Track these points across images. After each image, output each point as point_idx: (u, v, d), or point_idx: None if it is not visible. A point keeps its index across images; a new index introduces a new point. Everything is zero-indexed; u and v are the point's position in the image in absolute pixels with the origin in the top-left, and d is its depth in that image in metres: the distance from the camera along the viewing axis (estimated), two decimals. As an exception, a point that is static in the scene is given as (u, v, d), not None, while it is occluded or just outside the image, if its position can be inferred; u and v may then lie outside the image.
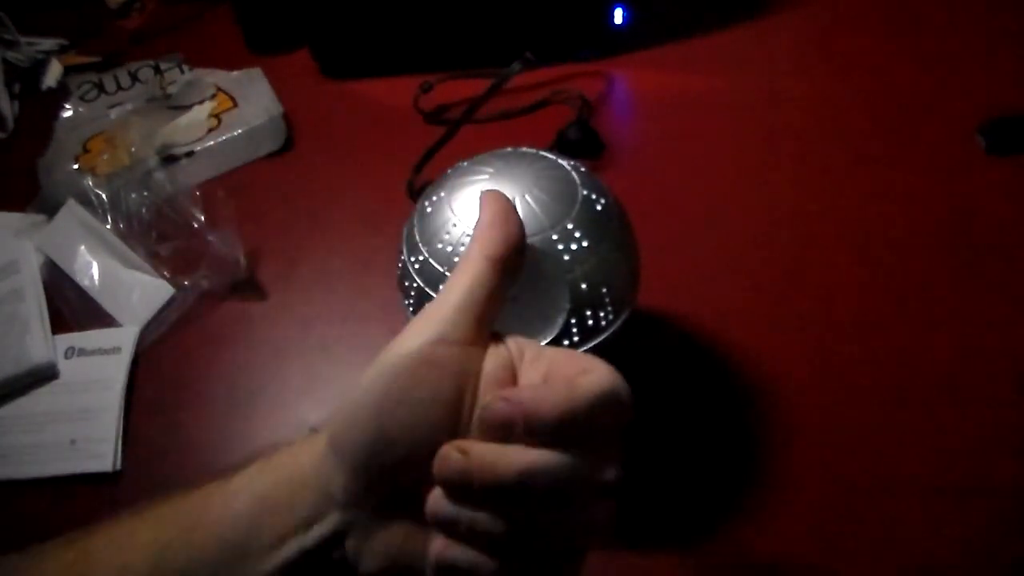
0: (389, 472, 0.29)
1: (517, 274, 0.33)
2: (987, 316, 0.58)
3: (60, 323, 0.64)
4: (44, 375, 0.61)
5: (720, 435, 0.53)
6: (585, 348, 0.42)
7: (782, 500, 0.50)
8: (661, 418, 0.55)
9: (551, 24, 0.80)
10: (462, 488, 0.28)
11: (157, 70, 0.88)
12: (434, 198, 0.44)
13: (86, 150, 0.78)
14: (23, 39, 0.90)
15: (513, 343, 0.32)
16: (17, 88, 0.88)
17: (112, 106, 0.82)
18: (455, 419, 0.30)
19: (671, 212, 0.67)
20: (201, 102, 0.81)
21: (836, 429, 0.53)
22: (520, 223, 0.33)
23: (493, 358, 0.31)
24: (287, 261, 0.68)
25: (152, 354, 0.62)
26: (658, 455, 0.53)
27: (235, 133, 0.77)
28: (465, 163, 0.45)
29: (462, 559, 0.28)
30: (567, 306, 0.41)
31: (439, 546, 0.29)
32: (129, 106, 0.81)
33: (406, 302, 0.45)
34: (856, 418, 0.53)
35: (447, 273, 0.41)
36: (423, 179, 0.71)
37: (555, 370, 0.30)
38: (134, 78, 0.87)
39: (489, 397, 0.29)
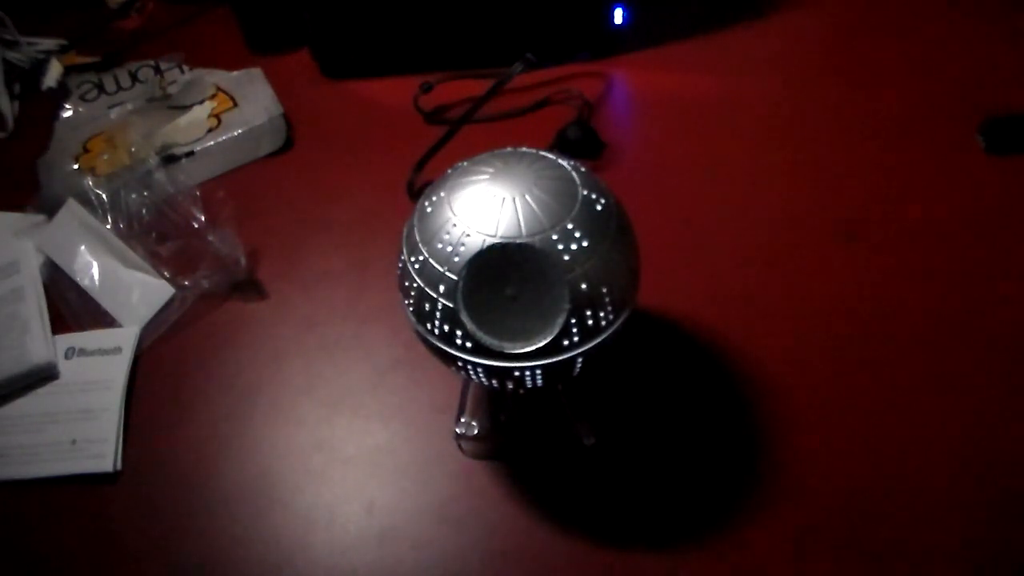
0: None
1: None
2: (988, 316, 0.58)
3: (60, 323, 0.64)
4: (44, 375, 0.61)
5: (720, 435, 0.53)
6: (585, 348, 0.42)
7: (783, 500, 0.50)
8: (661, 418, 0.55)
9: (551, 24, 0.80)
10: None
11: (157, 70, 0.88)
12: (434, 198, 0.44)
13: (86, 150, 0.78)
14: (23, 39, 0.90)
15: None
16: (17, 88, 0.88)
17: (112, 106, 0.82)
18: None
19: (671, 212, 0.67)
20: (201, 102, 0.81)
21: (837, 429, 0.53)
22: None
23: None
24: (287, 261, 0.68)
25: (152, 354, 0.62)
26: (658, 455, 0.53)
27: (235, 133, 0.77)
28: (465, 163, 0.45)
29: None
30: (567, 306, 0.41)
31: None
32: (129, 106, 0.81)
33: (406, 302, 0.45)
34: (857, 419, 0.53)
35: (447, 273, 0.41)
36: (423, 179, 0.71)
37: None
38: (134, 78, 0.87)
39: None
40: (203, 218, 0.68)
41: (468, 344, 0.42)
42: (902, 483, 0.50)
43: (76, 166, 0.76)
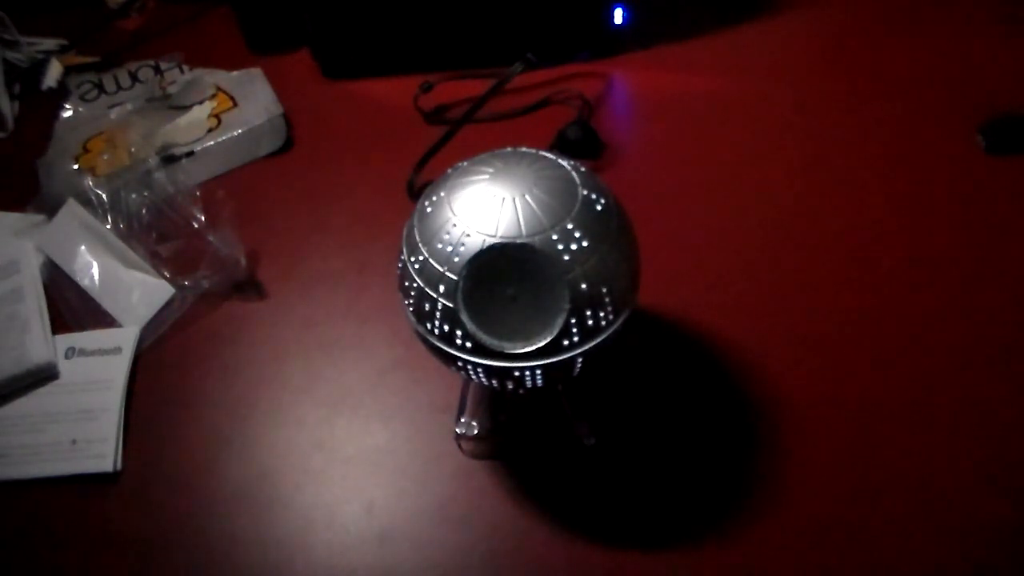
0: None
1: None
2: (988, 316, 0.58)
3: (60, 323, 0.64)
4: (44, 375, 0.61)
5: (720, 435, 0.53)
6: (585, 348, 0.42)
7: (782, 500, 0.50)
8: (661, 418, 0.55)
9: (551, 24, 0.80)
10: None
11: (157, 70, 0.88)
12: (434, 198, 0.44)
13: (86, 150, 0.78)
14: (23, 39, 0.90)
15: None
16: (17, 88, 0.88)
17: (112, 106, 0.82)
18: None
19: (671, 212, 0.67)
20: (201, 102, 0.81)
21: (838, 429, 0.53)
22: None
23: None
24: (287, 261, 0.68)
25: (152, 354, 0.62)
26: (658, 455, 0.53)
27: (235, 133, 0.77)
28: (465, 163, 0.45)
29: None
30: (567, 306, 0.41)
31: None
32: (129, 106, 0.81)
33: (406, 302, 0.45)
34: (856, 419, 0.53)
35: (447, 273, 0.41)
36: (423, 179, 0.71)
37: None
38: (134, 78, 0.87)
39: None
40: (203, 218, 0.68)
41: (468, 344, 0.42)
42: (903, 484, 0.50)
43: (76, 166, 0.76)
